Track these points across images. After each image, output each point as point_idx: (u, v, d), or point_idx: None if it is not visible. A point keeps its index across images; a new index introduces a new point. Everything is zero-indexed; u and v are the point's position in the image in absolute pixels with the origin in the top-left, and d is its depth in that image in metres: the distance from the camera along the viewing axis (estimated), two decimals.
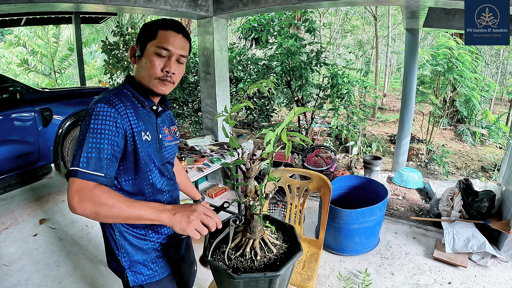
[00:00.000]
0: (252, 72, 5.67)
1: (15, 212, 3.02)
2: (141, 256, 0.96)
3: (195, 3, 2.91)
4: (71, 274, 2.18)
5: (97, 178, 0.77)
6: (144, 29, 0.92)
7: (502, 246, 2.30)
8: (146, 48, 0.89)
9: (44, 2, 2.15)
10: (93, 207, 0.75)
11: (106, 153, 0.79)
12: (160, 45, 0.88)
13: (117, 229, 0.93)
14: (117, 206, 0.76)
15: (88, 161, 0.77)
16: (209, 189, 3.59)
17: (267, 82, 0.86)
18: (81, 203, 0.74)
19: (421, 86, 5.21)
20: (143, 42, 0.90)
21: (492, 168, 4.93)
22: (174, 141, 1.07)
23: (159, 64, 0.89)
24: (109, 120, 0.81)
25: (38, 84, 8.64)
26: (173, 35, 0.89)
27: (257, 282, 0.81)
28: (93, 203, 0.75)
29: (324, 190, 1.78)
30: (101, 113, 0.80)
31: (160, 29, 0.89)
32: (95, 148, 0.78)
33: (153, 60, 0.88)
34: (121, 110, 0.84)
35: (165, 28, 0.89)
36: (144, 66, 0.89)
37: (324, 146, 4.53)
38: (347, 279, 2.14)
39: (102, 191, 0.77)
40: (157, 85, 0.91)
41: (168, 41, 0.88)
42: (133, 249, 0.95)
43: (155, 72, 0.89)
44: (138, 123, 0.89)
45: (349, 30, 16.10)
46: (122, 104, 0.86)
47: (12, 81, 2.95)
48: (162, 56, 0.89)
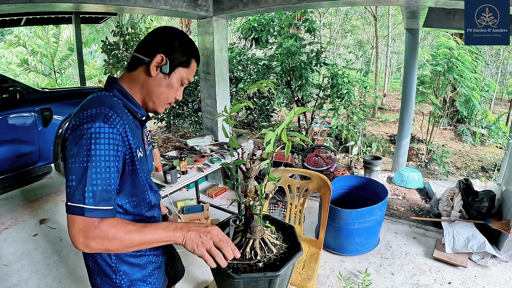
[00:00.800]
0: (252, 72, 5.67)
1: (15, 212, 3.02)
2: (139, 273, 0.90)
3: (195, 3, 2.91)
4: (71, 274, 2.19)
5: (106, 213, 0.69)
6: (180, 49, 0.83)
7: (502, 246, 2.30)
8: (176, 71, 0.83)
9: (44, 2, 2.15)
10: (102, 245, 0.68)
11: (112, 183, 0.71)
12: (188, 76, 0.86)
13: (113, 254, 0.85)
14: (127, 237, 0.70)
15: (95, 195, 0.68)
16: (209, 189, 3.59)
17: (267, 82, 0.86)
18: (88, 243, 0.68)
19: (421, 86, 5.21)
20: (175, 62, 0.82)
21: (492, 168, 4.93)
22: (149, 146, 1.00)
23: (177, 91, 0.86)
24: (112, 144, 0.71)
25: (38, 84, 8.64)
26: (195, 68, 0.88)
27: (257, 282, 0.81)
28: (102, 240, 0.68)
29: (324, 190, 1.78)
30: (102, 135, 0.69)
31: (193, 60, 0.86)
32: (100, 179, 0.68)
33: (177, 88, 0.85)
34: (122, 130, 0.74)
35: (197, 60, 0.87)
36: (167, 88, 0.83)
37: (324, 146, 4.53)
38: (347, 279, 2.14)
39: (109, 225, 0.69)
40: (161, 108, 0.87)
41: (193, 73, 0.87)
42: (131, 267, 0.88)
43: (170, 99, 0.86)
44: (134, 140, 0.80)
45: (349, 30, 16.09)
46: (119, 119, 0.75)
47: (12, 81, 2.95)
48: (182, 86, 0.87)
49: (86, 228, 0.67)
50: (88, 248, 0.68)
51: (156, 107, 0.86)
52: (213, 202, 3.20)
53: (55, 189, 3.52)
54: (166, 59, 0.80)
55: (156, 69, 0.81)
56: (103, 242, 0.68)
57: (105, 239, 0.68)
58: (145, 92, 0.84)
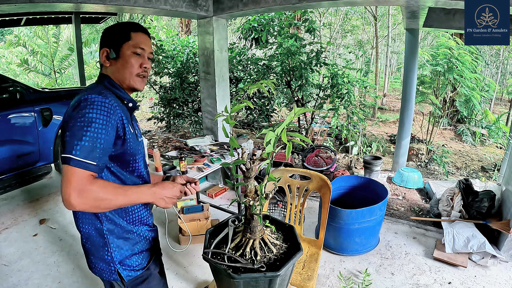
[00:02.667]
0: (252, 72, 5.67)
1: (15, 212, 3.02)
2: (128, 247, 1.01)
3: (195, 3, 2.91)
4: (71, 274, 2.18)
5: (89, 166, 0.80)
6: (114, 33, 0.99)
7: (502, 246, 2.30)
8: (122, 49, 0.97)
9: (44, 2, 2.15)
10: (93, 203, 0.80)
11: (100, 142, 0.82)
12: (136, 45, 0.98)
13: (105, 227, 0.96)
14: (115, 198, 0.83)
15: (82, 148, 0.79)
16: (209, 189, 3.59)
17: (267, 82, 0.86)
18: (80, 200, 0.77)
19: (421, 86, 5.21)
20: (116, 44, 0.97)
21: (492, 168, 4.93)
22: (140, 138, 1.11)
23: (137, 62, 0.99)
24: (104, 111, 0.84)
25: (38, 84, 8.63)
26: (144, 36, 1.01)
27: (257, 282, 0.81)
28: (93, 200, 0.79)
29: (324, 190, 1.78)
30: (95, 103, 0.84)
31: (132, 31, 0.98)
32: (89, 137, 0.80)
33: (132, 59, 0.98)
34: (113, 102, 0.89)
35: (136, 30, 0.99)
36: (124, 65, 0.97)
37: (324, 146, 4.53)
38: (347, 279, 2.14)
39: (100, 186, 0.81)
40: (137, 81, 1.00)
41: (141, 41, 0.99)
42: (122, 241, 0.99)
43: (135, 70, 0.99)
44: (124, 116, 0.94)
45: (349, 30, 16.09)
46: (111, 97, 0.91)
47: (12, 81, 2.95)
48: (138, 55, 0.99)
49: (78, 185, 0.78)
50: (81, 205, 0.78)
51: (130, 84, 1.00)
52: (213, 202, 3.20)
53: (55, 189, 3.52)
54: (108, 49, 0.98)
55: (106, 60, 0.99)
56: (95, 201, 0.80)
57: (96, 199, 0.80)
58: (115, 79, 0.99)
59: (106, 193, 0.82)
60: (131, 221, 1.02)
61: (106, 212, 0.95)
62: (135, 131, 1.03)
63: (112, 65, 0.99)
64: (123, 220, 1.00)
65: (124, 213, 1.00)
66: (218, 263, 0.85)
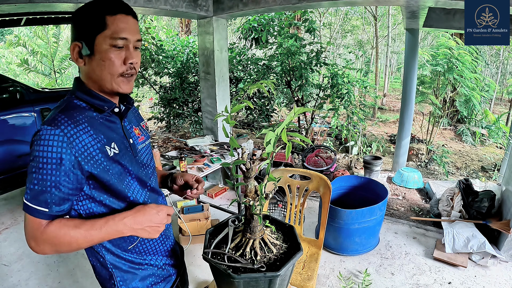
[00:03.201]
0: (252, 72, 5.67)
1: (15, 212, 3.01)
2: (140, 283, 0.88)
3: (195, 3, 2.91)
4: (71, 274, 2.18)
5: (39, 214, 0.69)
6: (85, 20, 0.73)
7: (502, 246, 2.30)
8: (96, 42, 0.72)
9: (44, 2, 2.15)
10: (51, 248, 0.70)
11: (50, 186, 0.68)
12: (114, 35, 0.72)
13: (108, 260, 0.83)
14: (74, 241, 0.70)
15: (31, 192, 0.68)
16: (209, 189, 3.59)
17: (267, 82, 0.86)
18: (38, 247, 0.70)
19: (421, 86, 5.21)
20: (89, 36, 0.72)
21: (492, 168, 4.93)
22: (146, 140, 0.93)
23: (119, 57, 0.74)
24: (52, 146, 0.68)
25: (38, 84, 8.63)
26: (125, 19, 0.74)
27: (257, 282, 0.81)
28: (50, 245, 0.70)
29: (324, 190, 1.78)
30: (43, 137, 0.68)
31: (107, 15, 0.72)
32: (37, 179, 0.68)
33: (111, 55, 0.73)
34: (69, 130, 0.70)
35: (112, 12, 0.72)
36: (101, 64, 0.73)
37: (324, 146, 4.53)
38: (347, 279, 2.14)
39: (56, 228, 0.70)
40: (121, 83, 0.77)
41: (123, 28, 0.73)
42: (130, 275, 0.86)
43: (118, 68, 0.74)
44: (97, 138, 0.75)
45: (349, 30, 16.09)
46: (70, 121, 0.71)
47: (12, 81, 2.96)
48: (119, 47, 0.74)
49: (33, 231, 0.69)
50: (41, 251, 0.70)
51: (114, 87, 0.77)
52: (213, 202, 3.20)
53: None
54: (79, 43, 0.74)
55: (78, 58, 0.75)
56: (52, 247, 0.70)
57: (52, 244, 0.70)
58: (92, 82, 0.77)
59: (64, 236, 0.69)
60: (138, 251, 0.87)
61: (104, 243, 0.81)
62: (130, 144, 0.83)
63: (87, 64, 0.75)
64: (128, 253, 0.85)
65: (125, 243, 0.84)
66: (218, 263, 0.85)
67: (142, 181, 0.86)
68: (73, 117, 0.72)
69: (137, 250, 0.86)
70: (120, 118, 0.84)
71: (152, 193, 0.90)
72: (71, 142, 0.69)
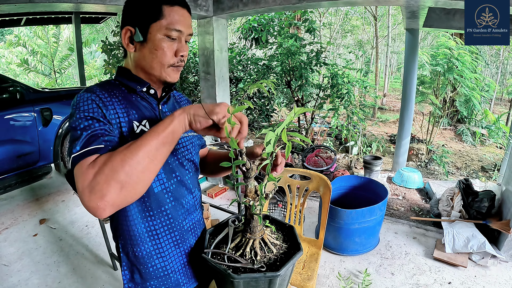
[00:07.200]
0: (252, 72, 5.68)
1: (15, 212, 3.01)
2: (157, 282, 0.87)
3: (195, 3, 2.91)
4: (71, 274, 2.18)
5: (97, 150, 0.64)
6: (141, 6, 0.74)
7: (502, 246, 2.30)
8: (150, 30, 0.73)
9: (44, 2, 2.16)
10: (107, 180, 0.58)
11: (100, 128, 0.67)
12: (170, 26, 0.73)
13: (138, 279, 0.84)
14: (128, 156, 0.61)
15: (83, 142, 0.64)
16: (209, 189, 3.59)
17: (267, 82, 0.86)
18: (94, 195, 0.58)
19: (421, 86, 5.21)
20: (144, 23, 0.73)
21: (492, 168, 4.93)
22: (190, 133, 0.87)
23: (171, 48, 0.75)
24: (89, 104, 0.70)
25: (38, 84, 8.64)
26: (182, 11, 0.75)
27: (257, 282, 0.81)
28: (106, 178, 0.59)
29: (324, 190, 1.78)
30: (81, 101, 0.70)
31: (165, 5, 0.73)
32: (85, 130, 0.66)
33: (164, 45, 0.74)
34: (102, 96, 0.72)
35: (171, 3, 0.73)
36: (153, 52, 0.74)
37: (324, 146, 4.54)
38: (347, 279, 2.14)
39: (107, 154, 0.63)
40: (171, 73, 0.78)
41: (178, 20, 0.74)
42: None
43: (169, 59, 0.76)
44: (128, 111, 0.75)
45: (349, 30, 16.10)
46: (104, 91, 0.74)
47: (12, 81, 2.95)
48: (173, 39, 0.75)
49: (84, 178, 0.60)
50: (101, 199, 0.58)
51: (160, 76, 0.78)
52: (213, 202, 3.19)
53: (55, 189, 3.52)
54: (132, 28, 0.75)
55: (129, 44, 0.76)
56: (106, 178, 0.59)
57: (107, 174, 0.59)
58: (140, 69, 0.79)
59: (118, 155, 0.61)
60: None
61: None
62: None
63: (138, 50, 0.76)
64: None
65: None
66: (218, 263, 0.85)
67: (170, 169, 0.82)
68: (107, 90, 0.75)
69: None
70: (158, 101, 0.83)
71: (179, 187, 0.85)
72: (105, 103, 0.72)
